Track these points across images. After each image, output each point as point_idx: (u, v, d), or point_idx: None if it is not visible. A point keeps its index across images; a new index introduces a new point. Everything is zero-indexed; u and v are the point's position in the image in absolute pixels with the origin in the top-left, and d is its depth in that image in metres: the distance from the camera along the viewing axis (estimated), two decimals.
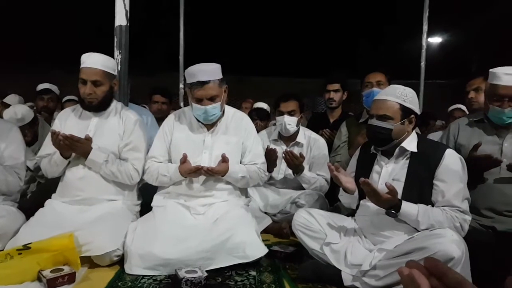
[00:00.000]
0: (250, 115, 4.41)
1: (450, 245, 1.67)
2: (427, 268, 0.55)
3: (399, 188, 1.90)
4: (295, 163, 2.76)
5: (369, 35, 10.43)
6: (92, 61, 2.33)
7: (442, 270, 0.54)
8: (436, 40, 10.32)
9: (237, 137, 2.41)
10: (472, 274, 1.75)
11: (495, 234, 2.11)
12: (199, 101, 2.26)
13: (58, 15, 9.03)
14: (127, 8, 2.77)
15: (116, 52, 2.76)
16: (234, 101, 4.97)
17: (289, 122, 2.91)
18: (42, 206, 2.37)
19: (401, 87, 1.99)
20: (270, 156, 2.74)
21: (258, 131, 3.90)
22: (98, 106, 2.40)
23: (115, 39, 2.77)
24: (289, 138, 3.02)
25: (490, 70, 2.18)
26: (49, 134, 2.32)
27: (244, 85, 9.07)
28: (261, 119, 4.13)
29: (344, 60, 9.72)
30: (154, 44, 7.78)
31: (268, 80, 9.99)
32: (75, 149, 2.28)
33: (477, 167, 2.12)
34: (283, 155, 2.79)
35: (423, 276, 0.53)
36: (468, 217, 1.86)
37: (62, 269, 1.93)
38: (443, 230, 1.74)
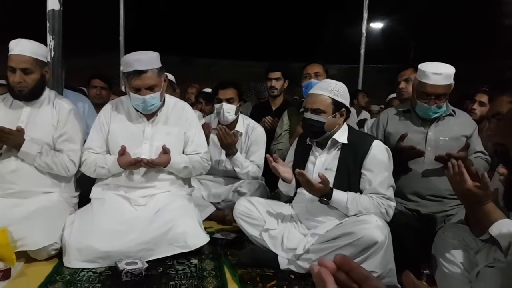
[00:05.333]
0: (196, 98, 4.45)
1: (375, 230, 1.82)
2: (336, 264, 0.61)
3: (331, 177, 2.02)
4: (228, 141, 2.76)
5: (313, 20, 10.57)
6: (21, 48, 2.20)
7: (350, 266, 0.60)
8: (377, 25, 10.66)
9: (179, 128, 2.40)
10: (397, 254, 1.91)
11: (419, 217, 2.29)
12: (137, 90, 2.21)
13: None
14: None
15: (49, 38, 2.63)
16: (180, 85, 4.89)
17: (228, 110, 2.89)
18: None
19: (333, 82, 2.10)
20: (203, 131, 2.70)
21: (204, 113, 3.95)
22: (29, 95, 2.28)
23: (48, 24, 2.63)
24: (228, 127, 3.00)
25: (419, 66, 2.29)
26: None
27: (190, 68, 8.90)
28: (206, 102, 4.17)
29: (290, 44, 9.82)
30: (93, 23, 7.35)
31: (215, 63, 9.86)
32: (6, 141, 2.18)
33: (403, 157, 2.28)
34: (216, 131, 2.78)
35: (330, 274, 0.59)
36: (393, 203, 2.02)
37: None
38: (369, 216, 1.89)
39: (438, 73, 2.20)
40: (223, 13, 9.93)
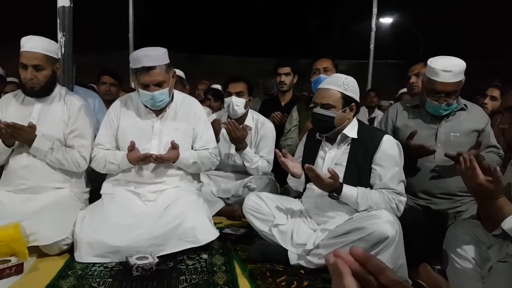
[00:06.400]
0: (205, 94, 4.46)
1: (385, 225, 1.80)
2: (353, 255, 0.60)
3: (341, 172, 2.01)
4: (237, 134, 2.75)
5: (322, 15, 10.52)
6: (32, 44, 2.22)
7: (366, 257, 0.59)
8: (387, 20, 10.57)
9: (187, 123, 2.40)
10: (408, 249, 1.89)
11: (430, 213, 2.25)
12: (146, 87, 2.22)
13: None
14: None
15: (60, 35, 2.65)
16: (187, 82, 4.89)
17: (237, 103, 2.88)
18: None
19: (343, 76, 2.08)
20: (214, 127, 2.73)
21: (213, 110, 3.95)
22: (41, 92, 2.30)
23: (58, 21, 2.65)
24: (238, 121, 2.98)
25: (428, 62, 2.20)
26: None
27: (198, 64, 8.90)
28: (215, 99, 4.18)
29: (299, 40, 9.77)
30: (102, 20, 7.38)
31: (222, 59, 9.84)
32: (18, 137, 2.20)
33: (411, 155, 2.23)
34: (225, 125, 2.77)
35: (346, 265, 0.58)
36: (404, 198, 2.00)
37: (9, 260, 1.90)
38: (379, 211, 1.88)
39: (448, 70, 2.10)
40: (230, 9, 9.91)
